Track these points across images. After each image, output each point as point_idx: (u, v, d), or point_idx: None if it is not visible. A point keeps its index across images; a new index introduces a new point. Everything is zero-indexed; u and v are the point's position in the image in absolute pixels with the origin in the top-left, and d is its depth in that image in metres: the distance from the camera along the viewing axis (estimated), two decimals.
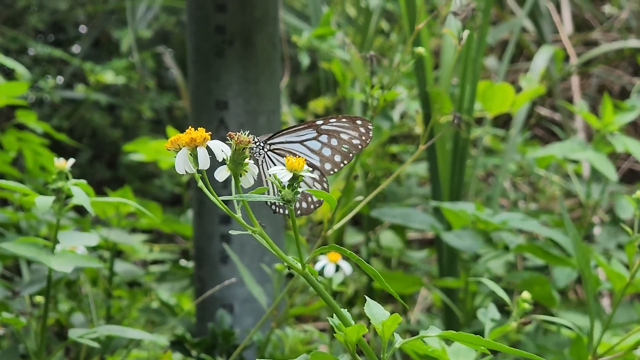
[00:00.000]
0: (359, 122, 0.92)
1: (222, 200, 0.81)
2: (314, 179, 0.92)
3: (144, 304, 1.77)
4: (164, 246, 2.18)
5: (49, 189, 1.14)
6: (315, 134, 0.92)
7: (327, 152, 0.92)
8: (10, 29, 2.78)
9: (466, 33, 1.22)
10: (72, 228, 1.72)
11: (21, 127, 1.88)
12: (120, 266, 1.73)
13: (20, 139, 1.78)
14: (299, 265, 0.83)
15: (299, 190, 0.79)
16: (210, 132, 0.82)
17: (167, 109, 2.89)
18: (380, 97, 1.19)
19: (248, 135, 0.81)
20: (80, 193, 1.12)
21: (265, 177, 0.93)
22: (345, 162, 0.93)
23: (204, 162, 0.80)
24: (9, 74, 2.52)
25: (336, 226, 1.21)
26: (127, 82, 2.70)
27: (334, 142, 0.92)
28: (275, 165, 0.92)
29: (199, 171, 0.81)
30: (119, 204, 1.65)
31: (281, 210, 0.93)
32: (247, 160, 0.81)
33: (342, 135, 0.92)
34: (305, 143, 0.92)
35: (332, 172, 0.92)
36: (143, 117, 2.84)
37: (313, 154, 0.92)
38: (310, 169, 0.89)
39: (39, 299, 1.35)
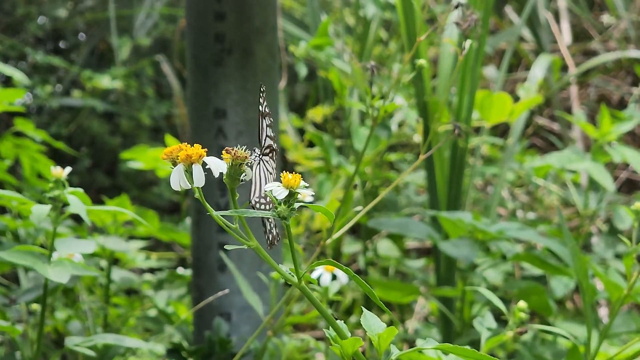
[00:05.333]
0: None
1: (220, 211, 0.81)
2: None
3: (141, 311, 1.77)
4: (161, 254, 2.18)
5: (46, 197, 1.14)
6: (270, 121, 0.92)
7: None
8: (9, 37, 2.79)
9: (468, 43, 1.21)
10: (71, 236, 1.72)
11: (20, 134, 1.88)
12: (117, 274, 1.73)
13: (17, 145, 1.78)
14: (295, 279, 0.83)
15: (295, 207, 0.79)
16: (206, 150, 0.82)
17: (165, 116, 2.89)
18: (381, 108, 1.18)
19: (245, 150, 0.81)
20: (76, 202, 1.12)
21: (259, 179, 0.93)
22: None
23: (199, 180, 0.81)
24: (7, 82, 2.52)
25: (335, 236, 1.21)
26: (125, 90, 2.70)
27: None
28: (266, 168, 0.92)
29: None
30: (116, 212, 1.65)
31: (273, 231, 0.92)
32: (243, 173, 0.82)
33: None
34: (269, 135, 0.93)
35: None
36: (142, 125, 2.84)
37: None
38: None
39: (35, 307, 1.35)
